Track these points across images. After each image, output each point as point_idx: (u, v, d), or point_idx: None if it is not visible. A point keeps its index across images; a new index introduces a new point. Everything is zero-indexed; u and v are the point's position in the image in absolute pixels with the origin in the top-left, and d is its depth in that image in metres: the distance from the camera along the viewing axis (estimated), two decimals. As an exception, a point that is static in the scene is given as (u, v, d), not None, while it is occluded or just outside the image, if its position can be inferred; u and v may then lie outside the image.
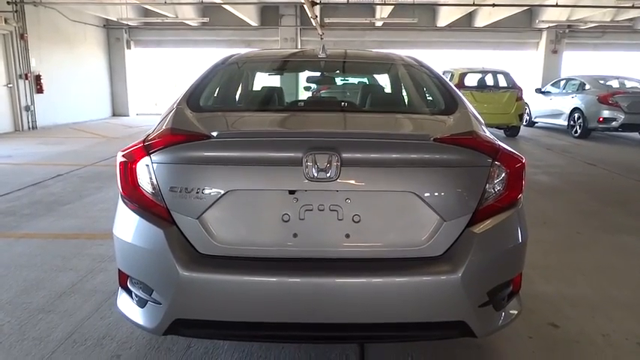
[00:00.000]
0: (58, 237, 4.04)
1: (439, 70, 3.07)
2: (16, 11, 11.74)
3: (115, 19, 14.66)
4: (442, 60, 16.43)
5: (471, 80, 11.53)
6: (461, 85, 10.97)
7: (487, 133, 2.02)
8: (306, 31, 16.17)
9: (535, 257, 3.67)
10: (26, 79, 12.38)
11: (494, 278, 1.82)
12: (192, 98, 2.23)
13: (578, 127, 11.29)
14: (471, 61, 16.90)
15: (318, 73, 3.11)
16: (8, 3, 11.50)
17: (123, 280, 1.96)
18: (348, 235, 1.77)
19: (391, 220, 1.78)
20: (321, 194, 1.75)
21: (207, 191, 1.75)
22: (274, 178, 1.74)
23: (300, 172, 1.70)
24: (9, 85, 11.98)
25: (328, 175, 1.70)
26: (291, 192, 1.75)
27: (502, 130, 11.85)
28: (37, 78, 12.73)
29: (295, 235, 1.76)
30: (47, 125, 12.95)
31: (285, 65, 2.86)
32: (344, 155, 1.72)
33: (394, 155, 1.77)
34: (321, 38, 15.20)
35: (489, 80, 11.64)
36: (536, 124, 13.69)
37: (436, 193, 1.76)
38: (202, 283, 1.72)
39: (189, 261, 1.74)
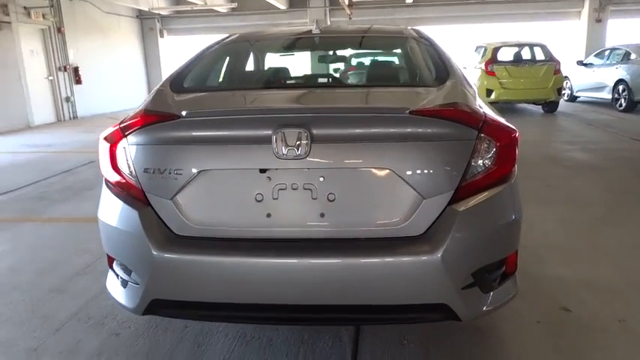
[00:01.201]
0: (80, 221, 4.19)
1: (470, 45, 2.94)
2: (52, 6, 12.09)
3: (147, 9, 14.88)
4: (477, 35, 15.82)
5: (506, 55, 11.06)
6: (494, 60, 10.56)
7: (484, 107, 1.90)
8: (335, 12, 15.93)
9: (557, 238, 3.50)
10: (65, 71, 12.81)
11: (480, 259, 1.72)
12: (177, 79, 2.21)
13: (622, 100, 10.65)
14: (507, 35, 16.22)
15: (309, 51, 3.04)
16: (44, -2, 11.86)
17: (109, 261, 1.98)
18: (322, 215, 1.71)
19: (367, 199, 1.71)
20: (293, 172, 1.69)
21: (179, 172, 1.73)
22: (245, 157, 1.70)
23: (270, 150, 1.65)
24: (50, 78, 12.43)
25: (298, 152, 1.64)
26: (262, 171, 1.70)
27: (540, 106, 11.36)
28: (76, 70, 13.16)
29: (269, 215, 1.72)
30: (86, 115, 13.39)
31: (279, 43, 2.79)
32: (315, 132, 1.65)
33: (368, 130, 1.69)
34: (350, 18, 14.94)
35: (525, 54, 11.13)
36: (578, 99, 13.04)
37: (414, 170, 1.67)
38: (177, 264, 1.71)
39: (164, 242, 1.73)
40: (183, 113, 1.76)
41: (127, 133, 1.81)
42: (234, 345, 2.25)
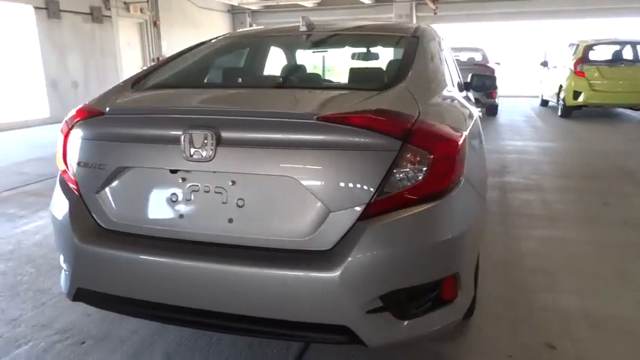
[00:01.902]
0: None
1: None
2: (147, 1, 13.00)
3: (236, 4, 15.49)
4: (580, 31, 14.49)
5: (602, 54, 10.02)
6: (584, 59, 9.61)
7: (449, 115, 1.72)
8: (422, 7, 15.43)
9: (583, 263, 3.11)
10: (158, 61, 13.76)
11: (392, 281, 1.56)
12: (143, 76, 2.26)
13: None
14: (612, 31, 14.66)
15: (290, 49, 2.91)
16: (142, -6, 12.79)
17: None
18: (231, 220, 1.65)
19: (274, 207, 1.63)
20: (204, 175, 1.65)
21: (102, 167, 1.76)
22: (158, 157, 1.69)
23: (180, 150, 1.63)
24: (144, 68, 13.42)
25: (204, 154, 1.60)
26: (173, 171, 1.68)
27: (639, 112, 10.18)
28: (167, 61, 14.06)
29: (181, 217, 1.70)
30: (174, 104, 14.26)
31: (257, 42, 2.73)
32: (222, 134, 1.60)
33: (274, 135, 1.59)
34: (435, 14, 14.40)
35: (626, 53, 10.00)
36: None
37: (320, 180, 1.56)
38: (96, 256, 1.76)
39: (88, 234, 1.78)
40: (107, 110, 1.79)
41: (70, 127, 1.89)
42: (184, 339, 2.27)
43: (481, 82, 4.04)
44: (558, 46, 11.49)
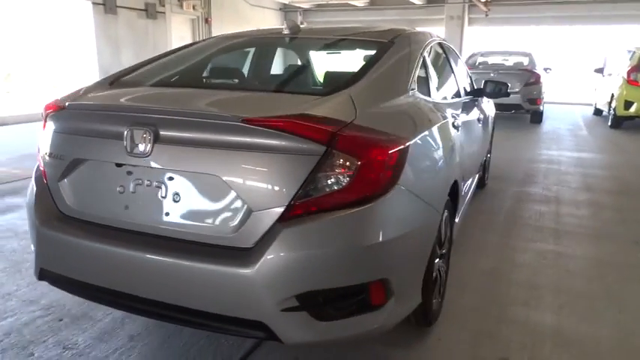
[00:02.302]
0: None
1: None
2: (199, -2, 13.45)
3: (287, 2, 15.71)
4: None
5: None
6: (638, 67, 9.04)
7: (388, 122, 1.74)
8: (474, 9, 15.02)
9: (575, 280, 2.99)
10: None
11: (308, 282, 1.60)
12: (126, 72, 2.39)
13: None
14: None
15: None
16: (194, -9, 13.25)
17: None
18: (168, 214, 1.75)
19: (204, 204, 1.70)
20: (148, 170, 1.75)
21: (62, 157, 1.91)
22: (107, 151, 1.80)
23: (123, 145, 1.74)
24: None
25: (142, 150, 1.71)
26: (119, 165, 1.80)
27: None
28: (217, 57, 14.50)
29: (127, 207, 1.82)
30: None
31: (234, 45, 2.77)
32: (161, 132, 1.70)
33: (201, 135, 1.67)
34: (486, 15, 13.99)
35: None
36: None
37: (244, 180, 1.62)
38: (54, 239, 1.91)
39: (48, 218, 1.94)
40: (66, 105, 1.93)
41: (44, 120, 2.05)
42: (150, 324, 2.40)
43: (495, 89, 3.96)
44: (617, 53, 10.88)
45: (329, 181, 1.61)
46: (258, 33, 2.76)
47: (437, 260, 2.28)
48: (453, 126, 2.49)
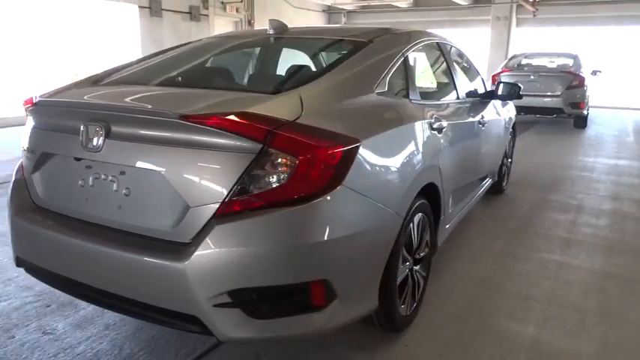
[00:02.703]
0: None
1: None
2: (241, 1, 13.72)
3: (329, 5, 15.75)
4: None
5: None
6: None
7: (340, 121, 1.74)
8: (522, 9, 14.47)
9: (570, 294, 2.84)
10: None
11: (240, 279, 1.60)
12: (113, 71, 2.48)
13: None
14: None
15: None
16: (237, -6, 13.55)
17: None
18: (119, 207, 1.80)
19: (149, 199, 1.75)
20: (103, 165, 1.82)
21: (33, 152, 2.02)
22: (68, 146, 1.88)
23: (80, 140, 1.82)
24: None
25: (95, 145, 1.78)
26: (77, 159, 1.87)
27: None
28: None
29: (86, 200, 1.89)
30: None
31: (213, 44, 2.79)
32: (112, 128, 1.76)
33: (144, 132, 1.71)
34: (534, 16, 13.46)
35: None
36: None
37: (182, 177, 1.65)
38: (25, 229, 2.02)
39: (22, 209, 2.05)
40: (36, 101, 2.03)
41: (26, 113, 2.17)
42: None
43: (507, 91, 3.84)
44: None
45: (265, 179, 1.62)
46: (241, 34, 2.80)
47: (405, 265, 2.24)
48: (432, 128, 2.42)
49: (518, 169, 5.82)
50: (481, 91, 3.92)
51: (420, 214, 2.33)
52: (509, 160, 5.00)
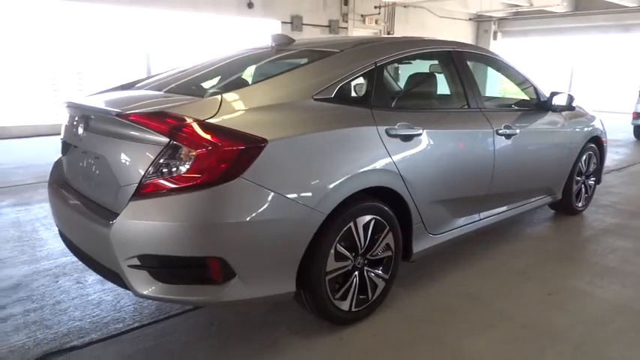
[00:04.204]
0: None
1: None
2: (378, 13, 14.08)
3: (475, 12, 15.25)
4: None
5: None
6: None
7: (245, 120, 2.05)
8: None
9: (561, 319, 2.62)
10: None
11: (145, 247, 1.97)
12: (139, 81, 3.07)
13: None
14: None
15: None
16: (375, 7, 13.95)
17: None
18: (95, 184, 2.34)
19: (105, 178, 2.23)
20: (87, 152, 2.37)
21: (61, 140, 2.69)
22: (73, 134, 2.49)
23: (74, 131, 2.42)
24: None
25: (79, 134, 2.35)
26: (74, 146, 2.47)
27: None
28: (396, 68, 14.98)
29: (81, 177, 2.47)
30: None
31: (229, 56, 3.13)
32: (90, 123, 2.31)
33: (100, 126, 2.24)
34: None
35: None
36: None
37: (117, 161, 2.11)
38: (52, 201, 2.69)
39: (56, 182, 2.73)
40: (65, 101, 2.67)
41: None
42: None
43: (560, 101, 3.68)
44: None
45: (171, 167, 1.98)
46: (251, 48, 3.14)
47: (344, 262, 2.37)
48: (390, 134, 2.48)
49: (622, 192, 5.20)
50: (530, 101, 3.73)
51: (370, 216, 2.43)
52: (593, 178, 4.52)
